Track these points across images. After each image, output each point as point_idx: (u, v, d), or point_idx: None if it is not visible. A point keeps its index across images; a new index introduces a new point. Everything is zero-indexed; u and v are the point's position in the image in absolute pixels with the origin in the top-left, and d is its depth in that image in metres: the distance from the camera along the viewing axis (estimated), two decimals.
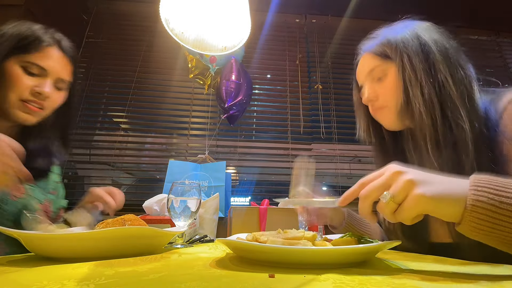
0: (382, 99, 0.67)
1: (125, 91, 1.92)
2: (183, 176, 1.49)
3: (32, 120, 0.72)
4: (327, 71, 2.10)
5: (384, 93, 0.67)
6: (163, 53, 1.99)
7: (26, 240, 0.46)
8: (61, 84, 0.76)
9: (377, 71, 0.68)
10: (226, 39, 1.00)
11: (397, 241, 0.43)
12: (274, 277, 0.32)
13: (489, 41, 2.30)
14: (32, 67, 0.69)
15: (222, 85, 1.72)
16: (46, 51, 0.71)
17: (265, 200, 0.99)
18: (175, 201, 0.69)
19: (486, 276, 0.33)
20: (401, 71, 0.63)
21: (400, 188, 0.37)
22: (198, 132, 1.93)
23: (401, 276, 0.33)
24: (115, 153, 1.81)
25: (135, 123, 2.02)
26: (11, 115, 0.69)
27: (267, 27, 2.11)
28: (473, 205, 0.35)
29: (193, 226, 0.98)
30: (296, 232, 0.46)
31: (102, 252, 0.45)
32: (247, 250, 0.41)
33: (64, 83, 0.76)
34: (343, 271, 0.35)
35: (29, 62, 0.69)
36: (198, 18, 0.96)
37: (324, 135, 1.94)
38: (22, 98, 0.69)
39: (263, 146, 1.95)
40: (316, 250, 0.37)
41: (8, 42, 0.68)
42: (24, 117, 0.70)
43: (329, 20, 2.22)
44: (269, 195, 1.84)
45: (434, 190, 0.36)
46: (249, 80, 1.83)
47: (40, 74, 0.71)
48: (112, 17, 2.07)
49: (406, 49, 0.63)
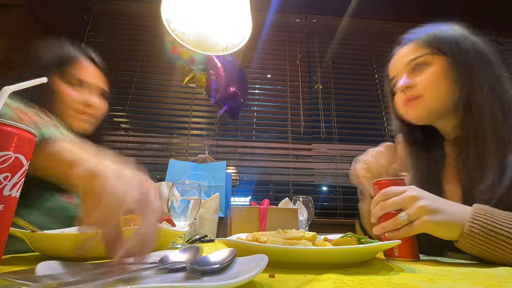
0: (420, 88, 0.64)
1: (125, 91, 1.92)
2: (183, 176, 1.49)
3: (89, 129, 0.81)
4: (327, 71, 2.10)
5: (423, 83, 0.64)
6: (164, 53, 1.99)
7: (31, 239, 0.46)
8: (103, 94, 0.85)
9: (419, 61, 0.65)
10: (227, 39, 1.00)
11: (397, 241, 0.43)
12: (274, 277, 0.32)
13: (489, 41, 2.29)
14: (75, 81, 0.78)
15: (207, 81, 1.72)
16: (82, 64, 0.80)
17: (265, 200, 0.99)
18: (175, 201, 0.69)
19: (486, 276, 0.33)
20: (455, 64, 0.61)
21: (415, 212, 0.46)
22: (198, 132, 1.93)
23: (401, 276, 0.33)
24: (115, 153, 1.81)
25: (135, 123, 2.02)
26: (71, 127, 0.76)
27: (267, 27, 2.11)
28: (468, 233, 0.45)
29: (193, 226, 0.98)
30: (296, 232, 0.46)
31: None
32: (247, 250, 0.41)
33: (105, 93, 0.86)
34: (343, 271, 0.35)
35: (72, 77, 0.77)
36: (199, 18, 0.96)
37: (325, 135, 1.94)
38: (77, 110, 0.77)
39: (263, 146, 1.95)
40: (316, 250, 0.37)
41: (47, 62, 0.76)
42: (82, 126, 0.79)
43: (330, 20, 2.22)
44: (269, 195, 1.84)
45: (441, 219, 0.45)
46: (239, 73, 1.77)
47: (85, 87, 0.80)
48: (113, 17, 2.08)
49: (458, 45, 0.62)
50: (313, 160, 1.95)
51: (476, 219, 0.45)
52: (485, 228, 0.44)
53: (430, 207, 0.46)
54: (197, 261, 0.31)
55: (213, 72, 1.71)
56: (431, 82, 0.63)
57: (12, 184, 0.29)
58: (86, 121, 0.80)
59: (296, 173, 1.88)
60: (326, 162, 1.94)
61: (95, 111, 0.81)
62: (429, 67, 0.64)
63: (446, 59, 0.62)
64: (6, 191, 0.29)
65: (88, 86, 0.80)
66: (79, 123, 0.78)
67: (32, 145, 0.32)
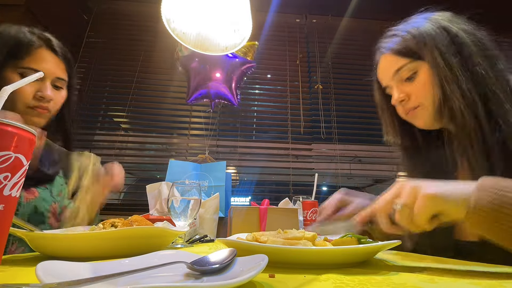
0: (415, 98, 0.62)
1: (125, 91, 1.92)
2: (183, 176, 1.49)
3: (42, 123, 0.74)
4: (327, 71, 2.10)
5: (416, 93, 0.62)
6: (164, 53, 1.99)
7: (31, 239, 0.46)
8: (59, 83, 0.76)
9: (404, 71, 0.62)
10: (228, 39, 1.00)
11: (397, 241, 0.43)
12: (274, 277, 0.32)
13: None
14: (28, 73, 0.69)
15: None
16: (38, 53, 0.72)
17: (265, 200, 0.99)
18: (175, 201, 0.69)
19: (486, 276, 0.33)
20: (435, 68, 0.58)
21: (408, 194, 0.41)
22: (198, 132, 1.93)
23: (401, 276, 0.33)
24: (115, 153, 1.81)
25: (135, 123, 2.02)
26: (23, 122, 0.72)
27: (267, 27, 2.11)
28: (476, 203, 0.37)
29: (193, 226, 0.98)
30: (296, 232, 0.46)
31: (108, 252, 0.45)
32: (247, 250, 0.41)
33: (61, 82, 0.77)
34: (343, 271, 0.35)
35: (24, 67, 0.70)
36: (200, 18, 0.96)
37: (325, 135, 1.94)
38: (28, 104, 0.70)
39: (263, 146, 1.95)
40: (316, 250, 0.37)
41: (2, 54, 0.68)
42: (34, 121, 0.72)
43: (330, 20, 2.22)
44: (269, 195, 1.84)
45: (440, 189, 0.39)
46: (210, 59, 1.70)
47: None
48: (113, 17, 2.08)
49: (435, 43, 0.58)
50: (313, 160, 1.95)
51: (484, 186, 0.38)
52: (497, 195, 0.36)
53: (423, 184, 0.41)
54: (197, 261, 0.31)
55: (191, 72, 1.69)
56: (423, 90, 0.61)
57: (12, 184, 0.29)
58: (39, 116, 0.72)
59: (296, 173, 1.88)
60: (326, 162, 1.94)
61: (49, 104, 0.73)
62: (417, 75, 0.62)
63: (427, 63, 0.60)
64: (6, 191, 0.29)
65: (44, 77, 0.72)
66: (30, 118, 0.71)
67: (32, 145, 0.32)
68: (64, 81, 0.78)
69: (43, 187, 0.78)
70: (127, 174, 1.98)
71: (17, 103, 0.69)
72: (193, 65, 1.71)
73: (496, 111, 0.53)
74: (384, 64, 0.67)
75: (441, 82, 0.57)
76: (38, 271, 0.23)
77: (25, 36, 0.71)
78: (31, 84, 0.70)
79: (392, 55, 0.65)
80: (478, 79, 0.55)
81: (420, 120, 0.64)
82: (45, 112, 0.73)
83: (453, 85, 0.56)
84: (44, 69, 0.71)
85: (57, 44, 0.76)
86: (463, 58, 0.57)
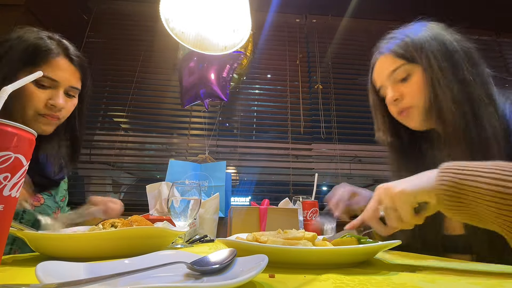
0: (408, 99, 0.66)
1: (125, 91, 1.92)
2: (183, 176, 1.49)
3: (50, 130, 0.73)
4: (327, 71, 2.10)
5: (410, 93, 0.66)
6: (164, 53, 1.99)
7: (31, 239, 0.46)
8: (72, 92, 0.76)
9: (400, 72, 0.67)
10: (227, 39, 1.00)
11: (397, 241, 0.43)
12: (274, 277, 0.32)
13: (489, 41, 2.29)
14: (44, 80, 0.69)
15: None
16: (55, 61, 0.70)
17: (265, 200, 0.99)
18: (175, 201, 0.69)
19: (486, 276, 0.33)
20: (428, 70, 0.62)
21: (383, 196, 0.46)
22: (198, 132, 1.93)
23: (401, 276, 0.33)
24: (115, 153, 1.81)
25: (135, 123, 2.02)
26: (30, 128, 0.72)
27: (267, 27, 2.11)
28: (440, 184, 0.41)
29: (193, 226, 0.98)
30: (296, 232, 0.46)
31: (108, 252, 0.45)
32: (247, 250, 0.41)
33: (74, 91, 0.76)
34: (343, 271, 0.35)
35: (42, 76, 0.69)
36: (199, 17, 0.96)
37: (325, 135, 1.94)
38: (38, 112, 0.69)
39: (263, 146, 1.95)
40: (316, 250, 0.37)
41: (17, 57, 0.67)
42: (42, 128, 0.71)
43: (330, 20, 2.21)
44: (269, 195, 1.84)
45: (407, 184, 0.44)
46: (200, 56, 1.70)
47: (51, 85, 0.70)
48: (113, 17, 2.07)
49: (431, 49, 0.63)
50: (313, 160, 1.95)
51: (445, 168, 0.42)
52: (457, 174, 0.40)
53: (392, 184, 0.46)
54: (197, 261, 0.31)
55: None
56: (417, 92, 0.65)
57: (12, 184, 0.29)
58: (48, 124, 0.72)
59: (296, 173, 1.88)
60: (326, 162, 1.94)
61: (60, 113, 0.72)
62: (411, 77, 0.66)
63: (421, 66, 0.64)
64: (6, 191, 0.29)
65: (58, 85, 0.71)
66: (38, 125, 0.70)
67: (32, 145, 0.32)
68: (77, 90, 0.77)
69: (48, 194, 0.79)
70: (127, 174, 1.99)
71: (27, 109, 0.68)
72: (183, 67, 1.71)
73: (481, 113, 0.58)
74: (382, 64, 0.71)
75: (434, 84, 0.62)
76: (38, 272, 0.23)
77: (44, 43, 0.70)
78: (44, 91, 0.69)
79: (390, 55, 0.68)
80: (466, 83, 0.60)
81: (412, 121, 0.68)
82: (54, 120, 0.72)
83: (445, 87, 0.60)
84: (59, 77, 0.71)
85: (74, 52, 0.75)
86: (454, 64, 0.62)
